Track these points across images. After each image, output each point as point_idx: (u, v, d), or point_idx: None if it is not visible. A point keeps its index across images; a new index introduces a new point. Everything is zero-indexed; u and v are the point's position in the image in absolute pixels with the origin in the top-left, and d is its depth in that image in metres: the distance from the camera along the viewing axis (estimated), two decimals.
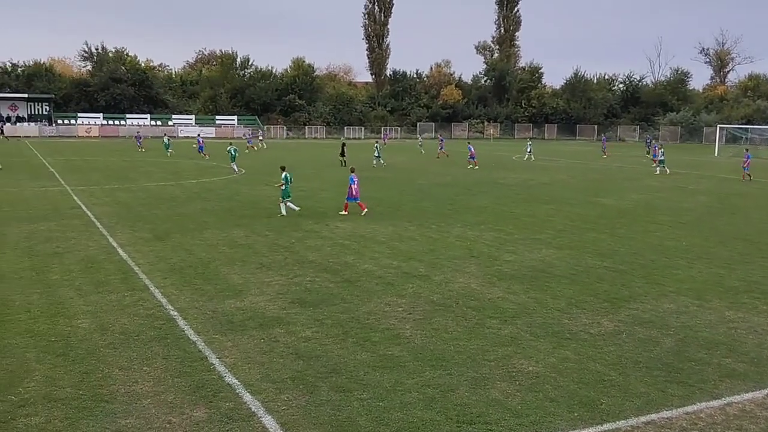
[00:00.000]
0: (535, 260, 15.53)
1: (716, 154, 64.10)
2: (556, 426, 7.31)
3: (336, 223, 20.17)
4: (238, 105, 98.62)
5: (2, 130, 72.94)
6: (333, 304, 11.77)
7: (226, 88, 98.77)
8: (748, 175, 38.02)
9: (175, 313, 11.08)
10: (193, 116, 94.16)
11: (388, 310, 11.43)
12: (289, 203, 21.85)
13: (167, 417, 7.41)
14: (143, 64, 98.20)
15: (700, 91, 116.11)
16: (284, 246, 16.72)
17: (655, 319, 11.15)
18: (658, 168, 41.92)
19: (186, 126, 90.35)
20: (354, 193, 22.24)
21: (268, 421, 7.34)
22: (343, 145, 45.29)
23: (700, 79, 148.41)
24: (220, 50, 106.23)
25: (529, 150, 53.86)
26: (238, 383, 8.29)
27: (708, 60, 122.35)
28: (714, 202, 27.63)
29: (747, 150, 41.31)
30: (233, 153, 39.13)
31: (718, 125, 76.83)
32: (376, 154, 44.29)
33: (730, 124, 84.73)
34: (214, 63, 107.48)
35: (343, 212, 22.19)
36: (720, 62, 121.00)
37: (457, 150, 63.48)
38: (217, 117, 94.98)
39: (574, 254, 16.26)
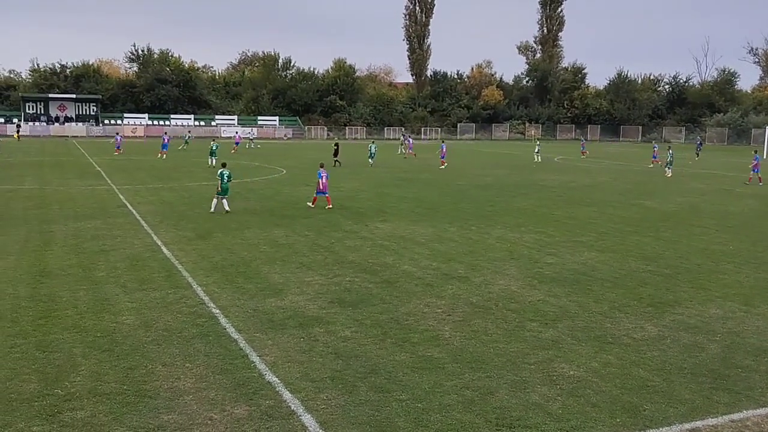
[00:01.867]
0: (576, 263, 15.33)
1: (765, 157, 62.39)
2: (597, 431, 7.20)
3: (376, 224, 20.21)
4: (279, 106, 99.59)
5: (18, 132, 74.91)
6: (372, 304, 11.79)
7: (268, 89, 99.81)
8: (759, 177, 35.90)
9: (217, 311, 11.23)
10: (235, 117, 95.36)
11: (427, 312, 11.41)
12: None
13: (208, 413, 7.51)
14: (187, 66, 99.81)
15: (749, 91, 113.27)
16: (324, 246, 16.82)
17: (700, 324, 10.91)
18: (666, 169, 40.64)
19: (229, 126, 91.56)
20: (322, 187, 23.28)
21: (307, 419, 7.39)
22: (337, 145, 45.05)
23: (748, 79, 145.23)
24: (263, 51, 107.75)
25: (537, 151, 52.24)
26: (278, 381, 8.37)
27: (757, 60, 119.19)
28: (762, 205, 26.93)
29: (756, 152, 38.94)
30: (214, 148, 41.71)
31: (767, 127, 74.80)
32: (372, 152, 44.54)
33: None
34: (257, 64, 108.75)
35: (311, 205, 23.48)
36: None
37: (499, 151, 63.01)
38: (259, 117, 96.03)
39: (616, 257, 16.01)
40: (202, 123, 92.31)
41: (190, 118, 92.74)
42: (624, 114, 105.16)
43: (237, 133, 68.53)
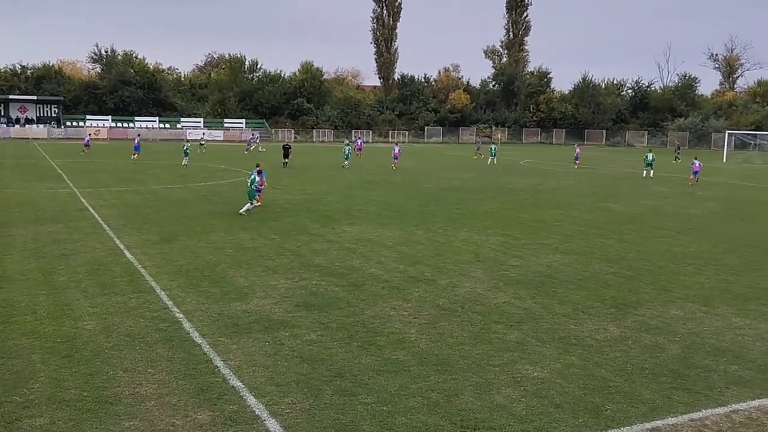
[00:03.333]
0: (541, 265, 15.48)
1: (725, 161, 63.84)
2: None
3: (343, 227, 20.17)
4: (246, 108, 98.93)
5: None
6: (338, 307, 11.76)
7: (235, 91, 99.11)
8: (692, 178, 38.13)
9: (181, 316, 11.09)
10: (201, 119, 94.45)
11: (393, 314, 11.41)
12: None
13: (171, 419, 7.41)
14: (152, 67, 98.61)
15: (709, 96, 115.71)
16: (290, 249, 16.74)
17: (661, 325, 11.10)
18: (645, 170, 42.05)
19: (194, 129, 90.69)
20: (259, 184, 23.71)
21: (271, 424, 7.33)
22: (287, 147, 45.31)
23: (709, 84, 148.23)
24: (229, 54, 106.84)
25: (493, 153, 52.88)
26: (243, 386, 8.29)
27: (717, 66, 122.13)
28: (723, 208, 27.50)
29: (696, 158, 40.81)
30: (187, 150, 44.77)
31: (727, 131, 76.56)
32: (347, 154, 45.17)
33: (739, 130, 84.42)
34: (223, 66, 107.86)
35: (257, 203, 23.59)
36: (729, 68, 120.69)
37: (466, 154, 63.49)
38: (226, 120, 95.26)
39: (581, 260, 16.21)
40: (167, 125, 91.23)
41: (154, 120, 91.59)
42: (588, 118, 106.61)
43: (253, 134, 71.12)
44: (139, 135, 56.70)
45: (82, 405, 7.71)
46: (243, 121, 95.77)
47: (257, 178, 23.21)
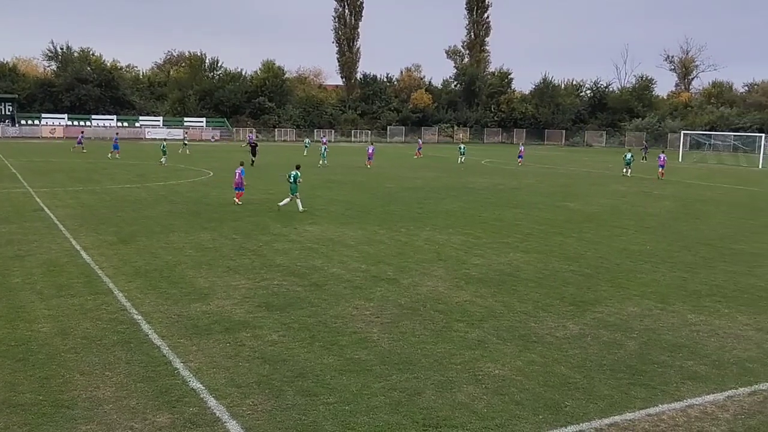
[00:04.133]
0: (502, 264, 15.62)
1: (680, 160, 65.23)
2: (521, 429, 7.35)
3: (305, 227, 20.08)
4: (206, 107, 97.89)
5: None
6: (300, 307, 11.70)
7: (195, 89, 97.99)
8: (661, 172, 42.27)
9: (139, 317, 10.92)
10: (161, 118, 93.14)
11: (355, 314, 11.40)
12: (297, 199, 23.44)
13: (129, 423, 7.29)
14: (109, 65, 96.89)
15: (665, 97, 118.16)
16: (252, 249, 16.60)
17: (619, 322, 11.29)
18: (624, 169, 44.07)
19: (154, 128, 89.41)
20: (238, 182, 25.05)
21: (232, 426, 7.26)
22: (254, 146, 47.45)
23: (665, 85, 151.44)
24: (189, 52, 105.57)
25: (462, 152, 53.77)
26: (203, 388, 8.19)
27: (673, 67, 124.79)
28: (678, 207, 28.10)
29: (663, 152, 46.26)
30: (164, 149, 45.18)
31: (683, 131, 78.30)
32: (323, 154, 46.95)
33: (694, 130, 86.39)
34: (183, 64, 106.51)
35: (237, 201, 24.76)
36: (684, 70, 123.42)
37: (428, 154, 63.77)
38: (186, 119, 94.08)
39: (541, 258, 16.40)
40: (125, 124, 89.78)
41: (112, 119, 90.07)
42: (548, 118, 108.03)
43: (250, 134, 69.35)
44: (117, 133, 56.56)
45: (38, 409, 7.53)
46: (203, 119, 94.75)
47: (297, 173, 23.52)
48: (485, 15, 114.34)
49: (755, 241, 19.71)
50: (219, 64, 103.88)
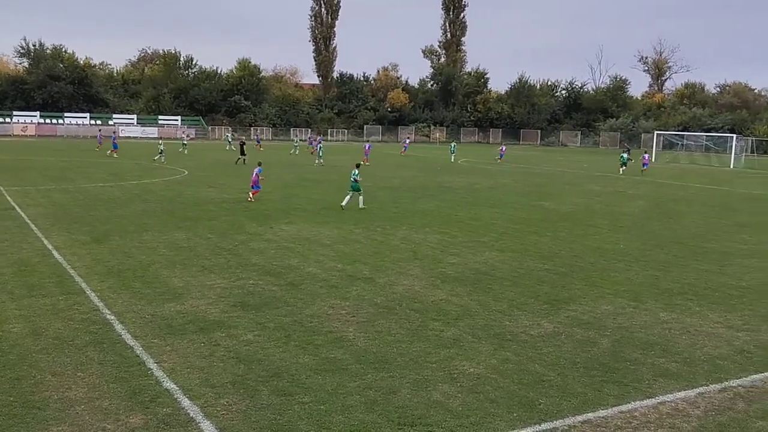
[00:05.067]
0: (478, 263, 15.69)
1: (653, 160, 65.99)
2: (495, 426, 7.39)
3: (281, 226, 20.01)
4: (181, 105, 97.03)
5: None
6: (276, 307, 11.66)
7: (170, 87, 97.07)
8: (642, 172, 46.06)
9: (112, 317, 10.80)
10: (134, 116, 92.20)
11: (331, 313, 11.38)
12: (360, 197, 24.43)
13: (101, 424, 7.21)
14: (83, 62, 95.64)
15: (639, 98, 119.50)
16: (227, 249, 16.50)
17: (593, 320, 11.40)
18: (621, 168, 46.62)
19: (128, 126, 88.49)
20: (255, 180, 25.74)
21: (206, 426, 7.22)
22: (242, 144, 47.99)
23: (639, 86, 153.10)
24: (163, 49, 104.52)
25: (453, 151, 57.13)
26: (177, 388, 8.13)
27: (647, 68, 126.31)
28: (651, 206, 28.43)
29: (646, 152, 51.65)
30: (161, 148, 46.05)
31: (656, 131, 79.25)
32: (320, 154, 47.63)
33: (667, 130, 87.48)
34: (157, 62, 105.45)
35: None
36: (658, 71, 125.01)
37: (405, 153, 63.88)
38: (160, 117, 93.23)
39: (516, 257, 16.50)
40: (99, 122, 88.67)
41: (85, 117, 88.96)
42: (524, 118, 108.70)
43: (310, 136, 69.76)
44: (114, 132, 56.23)
45: (9, 410, 7.42)
46: (178, 118, 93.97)
47: (356, 171, 24.70)
48: (461, 15, 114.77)
49: (726, 240, 20.01)
50: (194, 62, 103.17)
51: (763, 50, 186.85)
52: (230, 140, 65.50)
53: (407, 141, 72.46)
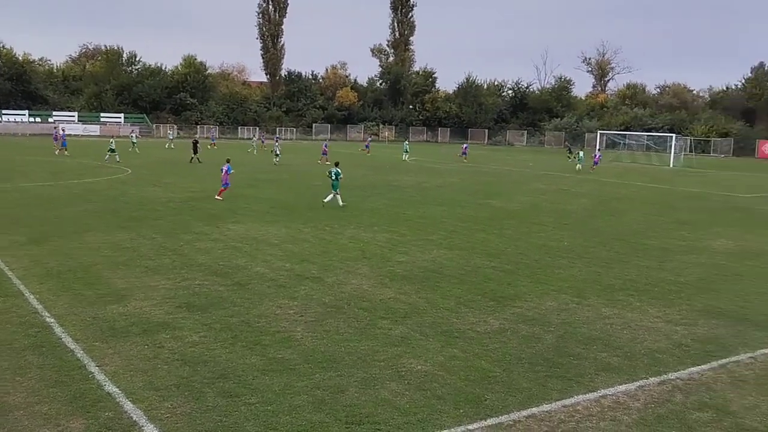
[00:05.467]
0: (426, 261, 15.80)
1: (576, 160, 67.39)
2: (442, 423, 7.46)
3: (228, 226, 19.77)
4: (125, 102, 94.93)
5: None
6: (222, 307, 11.52)
7: (112, 84, 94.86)
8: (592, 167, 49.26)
9: (52, 320, 10.50)
10: (76, 113, 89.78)
11: (279, 313, 11.31)
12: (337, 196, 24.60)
13: (41, 429, 7.01)
14: (21, 58, 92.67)
15: (583, 98, 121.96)
16: (172, 249, 16.22)
17: (537, 316, 11.60)
18: (577, 165, 49.31)
19: (68, 123, 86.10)
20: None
21: (150, 429, 7.08)
22: (195, 142, 47.47)
23: (582, 87, 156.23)
24: (106, 45, 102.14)
25: (406, 150, 57.91)
26: (119, 392, 7.96)
27: (590, 69, 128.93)
28: (594, 204, 29.07)
29: (599, 150, 55.45)
30: (112, 147, 44.75)
31: (599, 131, 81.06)
32: (277, 153, 47.67)
33: (610, 130, 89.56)
34: (99, 58, 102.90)
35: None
36: (601, 71, 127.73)
37: (354, 152, 63.85)
38: (102, 114, 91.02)
39: (464, 254, 16.67)
40: (38, 119, 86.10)
41: (24, 114, 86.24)
42: (472, 117, 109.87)
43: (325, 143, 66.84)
44: (63, 129, 54.56)
45: None
46: (121, 115, 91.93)
47: (337, 170, 24.85)
48: (410, 15, 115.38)
49: (665, 236, 20.60)
50: (137, 59, 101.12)
51: (700, 53, 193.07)
52: (255, 142, 64.71)
53: (369, 140, 73.47)
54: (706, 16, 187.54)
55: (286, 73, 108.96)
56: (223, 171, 26.02)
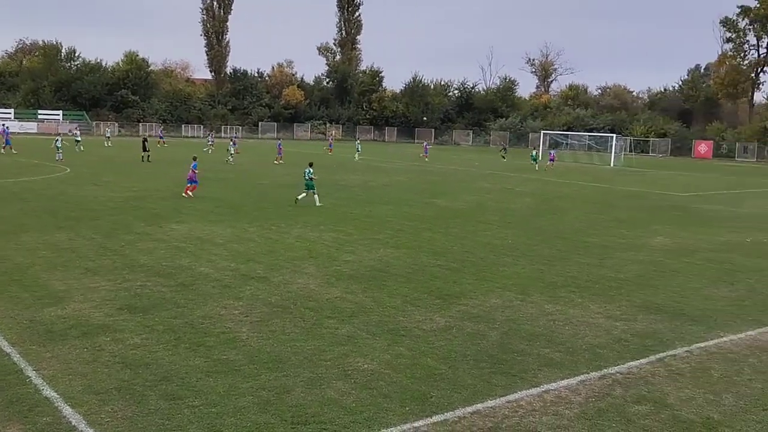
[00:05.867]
0: (373, 260, 15.83)
1: (540, 158, 68.66)
2: (388, 421, 7.48)
3: (171, 225, 19.42)
4: (63, 99, 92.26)
5: None
6: (165, 309, 11.31)
7: (50, 80, 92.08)
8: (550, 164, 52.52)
9: None
10: (11, 110, 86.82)
11: (224, 314, 11.16)
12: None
13: None
14: None
15: (527, 98, 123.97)
16: (113, 249, 15.85)
17: (482, 313, 11.75)
18: (535, 165, 52.11)
19: (4, 121, 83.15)
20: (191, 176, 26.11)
21: None
22: (145, 140, 47.17)
23: (527, 87, 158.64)
24: (43, 40, 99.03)
25: (359, 150, 58.91)
26: (58, 396, 7.74)
27: (534, 70, 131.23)
28: (538, 203, 29.60)
29: (553, 150, 59.18)
30: (58, 145, 42.77)
31: (542, 131, 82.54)
32: (231, 152, 47.54)
33: (553, 130, 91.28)
34: (37, 54, 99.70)
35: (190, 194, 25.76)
36: (544, 72, 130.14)
37: (301, 150, 63.42)
38: (40, 111, 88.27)
39: (410, 253, 16.76)
40: None
41: None
42: (418, 117, 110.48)
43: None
44: (7, 127, 52.48)
45: None
46: (60, 112, 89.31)
47: (310, 170, 25.32)
48: (356, 13, 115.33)
49: (606, 234, 21.12)
50: (77, 55, 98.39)
51: (639, 55, 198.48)
52: (210, 141, 62.75)
53: (331, 138, 73.87)
54: (646, 19, 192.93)
55: (232, 71, 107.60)
56: (190, 168, 26.37)
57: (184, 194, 25.73)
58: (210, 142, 61.91)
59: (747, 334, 11.21)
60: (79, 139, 55.94)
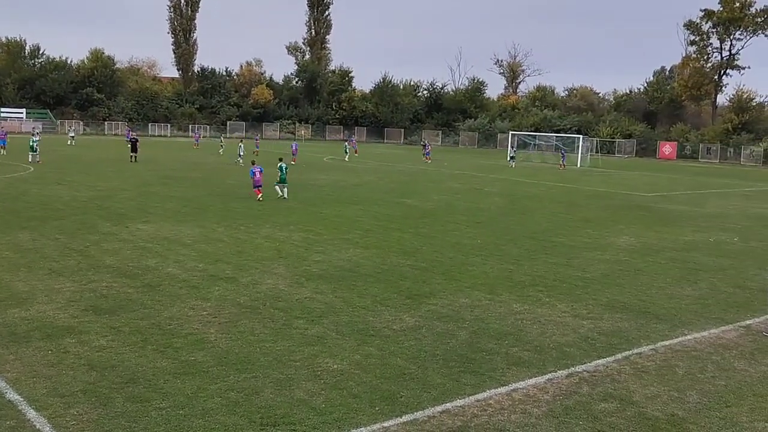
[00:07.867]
0: (343, 260, 15.80)
1: (508, 159, 69.20)
2: (358, 421, 7.48)
3: (137, 225, 19.17)
4: (27, 97, 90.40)
5: None
6: (132, 310, 11.16)
7: (13, 78, 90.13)
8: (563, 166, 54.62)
9: None
10: None
11: (192, 315, 11.06)
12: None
13: None
14: None
15: (496, 99, 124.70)
16: (77, 250, 15.59)
17: (451, 313, 11.81)
18: (511, 163, 54.28)
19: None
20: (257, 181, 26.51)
21: None
22: (135, 141, 45.99)
23: (495, 88, 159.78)
24: (7, 37, 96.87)
25: (347, 150, 57.77)
26: (21, 399, 7.60)
27: (502, 71, 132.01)
28: (506, 203, 29.81)
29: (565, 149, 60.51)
30: (34, 144, 40.68)
31: (511, 132, 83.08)
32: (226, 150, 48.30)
33: (521, 131, 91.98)
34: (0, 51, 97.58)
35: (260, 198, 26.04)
36: (512, 73, 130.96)
37: (271, 150, 63.11)
38: (3, 109, 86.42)
39: (380, 253, 16.77)
40: None
41: None
42: (388, 117, 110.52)
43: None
44: (2, 127, 51.05)
45: None
46: (23, 110, 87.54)
47: (284, 165, 27.56)
48: (326, 13, 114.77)
49: (572, 234, 21.37)
50: (41, 52, 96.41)
51: (605, 57, 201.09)
52: (222, 143, 61.82)
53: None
54: (612, 22, 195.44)
55: (199, 69, 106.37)
56: (255, 173, 26.58)
57: (258, 199, 25.92)
58: (222, 144, 61.39)
59: (710, 332, 11.44)
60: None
